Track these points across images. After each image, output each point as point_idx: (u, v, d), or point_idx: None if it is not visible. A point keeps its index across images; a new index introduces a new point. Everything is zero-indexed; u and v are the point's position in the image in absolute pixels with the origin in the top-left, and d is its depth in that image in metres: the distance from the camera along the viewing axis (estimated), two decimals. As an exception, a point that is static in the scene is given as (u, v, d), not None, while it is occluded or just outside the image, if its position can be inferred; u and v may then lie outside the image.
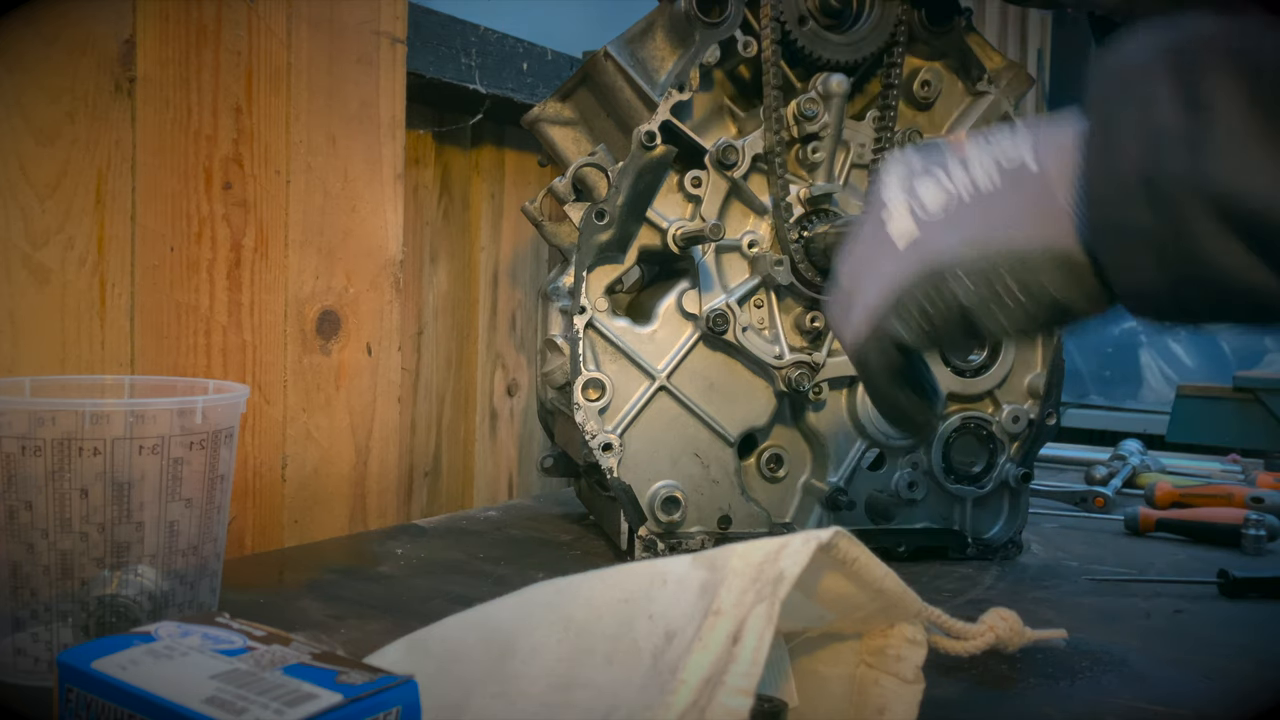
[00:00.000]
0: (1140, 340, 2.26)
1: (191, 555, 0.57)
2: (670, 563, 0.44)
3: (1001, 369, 0.88)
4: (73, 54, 0.73)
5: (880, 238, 0.54)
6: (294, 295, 0.88)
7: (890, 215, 0.54)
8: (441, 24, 1.02)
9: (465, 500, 1.19)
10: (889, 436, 0.85)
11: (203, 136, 0.81)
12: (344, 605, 0.70)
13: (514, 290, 1.22)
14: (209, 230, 0.82)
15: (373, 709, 0.37)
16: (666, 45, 0.83)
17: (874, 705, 0.46)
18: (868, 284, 0.55)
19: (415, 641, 0.48)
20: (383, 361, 0.96)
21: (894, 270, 0.53)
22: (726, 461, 0.83)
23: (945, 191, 0.52)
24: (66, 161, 0.74)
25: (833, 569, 0.43)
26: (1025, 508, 0.89)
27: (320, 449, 0.91)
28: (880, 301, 0.54)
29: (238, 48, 0.83)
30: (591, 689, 0.41)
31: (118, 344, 0.77)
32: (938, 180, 0.53)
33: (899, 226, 0.53)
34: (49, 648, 0.54)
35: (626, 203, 0.80)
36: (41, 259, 0.73)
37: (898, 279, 0.53)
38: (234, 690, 0.37)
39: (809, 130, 0.81)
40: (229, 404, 0.59)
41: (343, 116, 0.91)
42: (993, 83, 0.87)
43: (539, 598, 0.46)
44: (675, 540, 0.81)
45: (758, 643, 0.37)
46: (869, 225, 0.56)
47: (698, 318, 0.81)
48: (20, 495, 0.53)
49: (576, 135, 0.89)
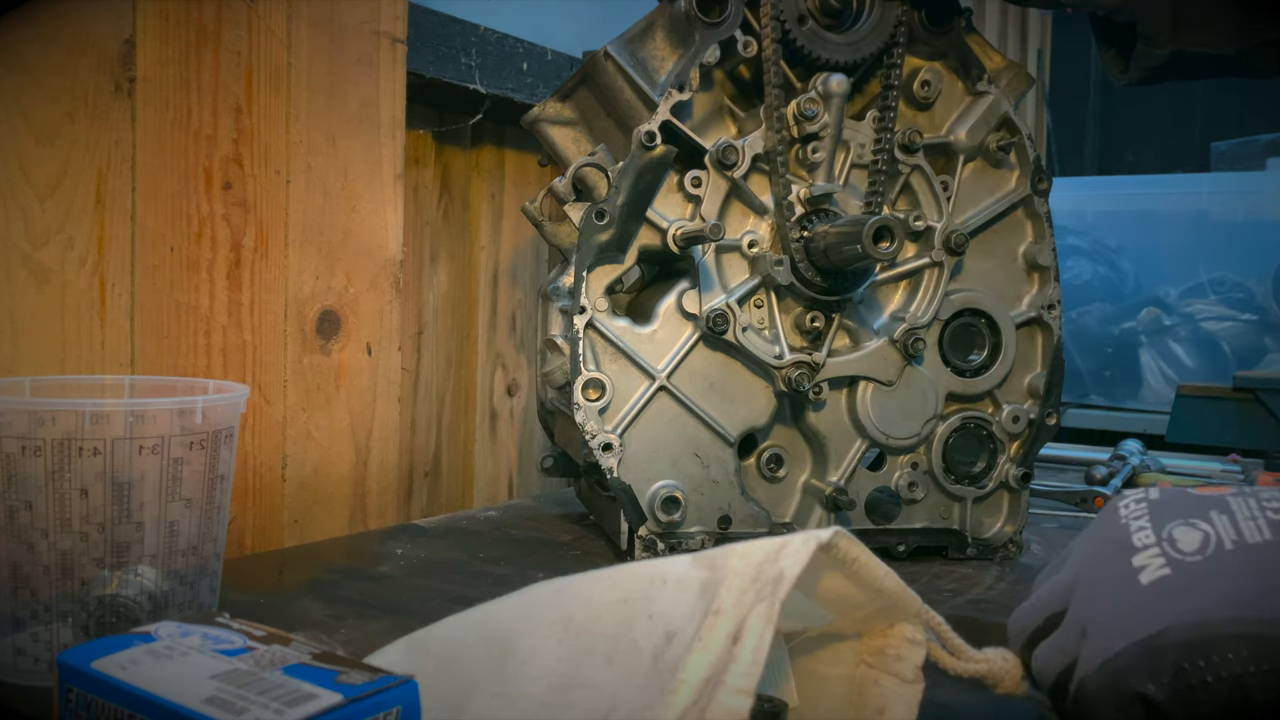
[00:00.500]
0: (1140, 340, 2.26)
1: (191, 555, 0.57)
2: (670, 563, 0.44)
3: (1001, 369, 0.88)
4: (73, 54, 0.73)
5: (1123, 573, 0.47)
6: (294, 295, 0.88)
7: (1136, 549, 0.47)
8: (441, 24, 1.02)
9: (465, 500, 1.19)
10: (889, 436, 0.85)
11: (203, 136, 0.81)
12: (344, 605, 0.70)
13: (514, 290, 1.22)
14: (209, 230, 0.82)
15: (373, 709, 0.37)
16: (666, 45, 0.83)
17: (874, 705, 0.46)
18: (1107, 625, 0.47)
19: (415, 641, 0.48)
20: (383, 361, 0.96)
21: (1142, 617, 0.45)
22: (726, 461, 0.83)
23: (1201, 533, 0.46)
24: (66, 161, 0.74)
25: (833, 569, 0.43)
26: (1025, 508, 0.89)
27: (320, 449, 0.91)
28: (1125, 648, 0.45)
29: (238, 48, 0.83)
30: (591, 689, 0.41)
31: (118, 344, 0.77)
32: (1192, 523, 0.47)
33: (1146, 563, 0.47)
34: (49, 648, 0.54)
35: (626, 203, 0.80)
36: (41, 259, 0.73)
37: (1148, 628, 0.45)
38: (234, 690, 0.37)
39: (809, 130, 0.81)
40: (229, 404, 0.59)
41: (343, 116, 0.91)
42: (993, 83, 0.87)
43: (539, 598, 0.46)
44: (675, 540, 0.81)
45: (758, 643, 0.37)
46: (1107, 556, 0.49)
47: (698, 318, 0.81)
48: (20, 495, 0.53)
49: (576, 135, 0.89)
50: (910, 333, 0.84)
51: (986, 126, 0.87)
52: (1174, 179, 2.48)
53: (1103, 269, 2.33)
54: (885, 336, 0.84)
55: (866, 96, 0.86)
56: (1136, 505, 0.50)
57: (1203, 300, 2.24)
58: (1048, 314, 0.89)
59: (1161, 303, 2.27)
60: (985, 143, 0.87)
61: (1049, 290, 0.89)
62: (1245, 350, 2.16)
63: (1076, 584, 0.50)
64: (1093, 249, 2.34)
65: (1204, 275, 2.25)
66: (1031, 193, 0.88)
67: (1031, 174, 0.88)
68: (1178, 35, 0.79)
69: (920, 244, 0.86)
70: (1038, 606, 0.52)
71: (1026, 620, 0.53)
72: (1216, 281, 2.24)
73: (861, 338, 0.85)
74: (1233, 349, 2.17)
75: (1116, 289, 2.32)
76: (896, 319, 0.85)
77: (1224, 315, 2.20)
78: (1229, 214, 2.29)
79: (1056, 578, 0.52)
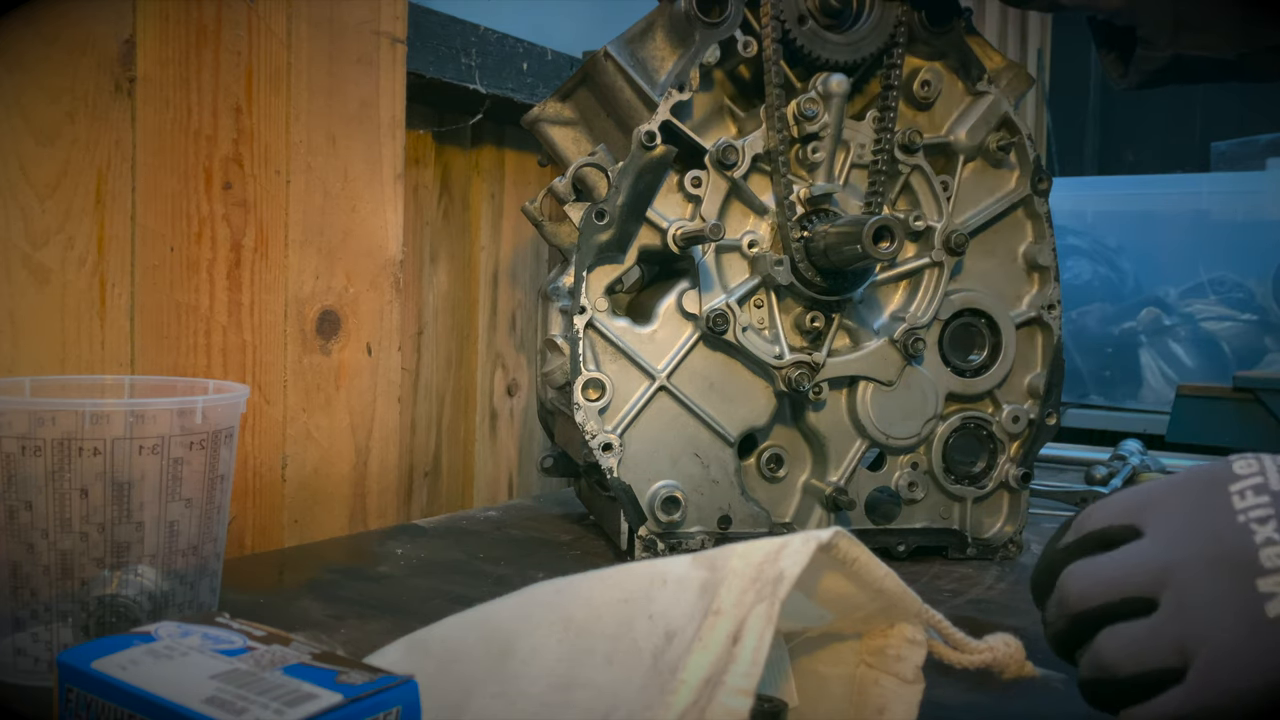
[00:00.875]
0: (1140, 340, 2.26)
1: (191, 555, 0.57)
2: (670, 563, 0.44)
3: (1002, 369, 0.88)
4: (73, 54, 0.73)
5: (1245, 598, 0.41)
6: (294, 295, 0.88)
7: (1265, 571, 0.41)
8: (441, 24, 1.02)
9: (465, 500, 1.19)
10: (889, 436, 0.85)
11: (203, 136, 0.81)
12: (344, 605, 0.70)
13: (514, 290, 1.22)
14: (209, 230, 0.82)
15: (373, 709, 0.37)
16: (666, 45, 0.83)
17: (874, 705, 0.46)
18: (1225, 660, 0.41)
19: (415, 641, 0.48)
20: (383, 361, 0.96)
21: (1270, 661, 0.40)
22: (726, 461, 0.83)
23: None
24: (66, 161, 0.74)
25: (833, 569, 0.43)
26: (1025, 508, 0.89)
27: (320, 449, 0.91)
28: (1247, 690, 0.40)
29: (238, 48, 0.83)
30: (591, 689, 0.41)
31: (118, 344, 0.77)
32: None
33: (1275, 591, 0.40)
34: (49, 648, 0.54)
35: (626, 203, 0.80)
36: (41, 259, 0.73)
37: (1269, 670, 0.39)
38: (234, 690, 0.37)
39: (809, 130, 0.81)
40: (229, 404, 0.59)
41: (343, 116, 0.91)
42: (993, 83, 0.87)
43: (539, 598, 0.46)
44: (675, 540, 0.81)
45: (758, 643, 0.37)
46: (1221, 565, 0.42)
47: (698, 318, 0.81)
48: (20, 495, 0.53)
49: (576, 135, 0.89)
50: (910, 333, 0.84)
51: (986, 126, 0.87)
52: (1174, 179, 2.48)
53: (1103, 269, 2.33)
54: (885, 336, 0.84)
55: (866, 96, 0.86)
56: (1257, 498, 0.43)
57: (1203, 300, 2.24)
58: (1048, 314, 0.89)
59: (1161, 303, 2.27)
60: (985, 143, 0.87)
61: (1049, 290, 0.89)
62: (1245, 350, 2.16)
63: (1173, 583, 0.43)
64: (1093, 249, 2.34)
65: (1204, 275, 2.24)
66: (1031, 193, 0.88)
67: (1031, 174, 0.88)
68: (1178, 39, 0.78)
69: (920, 244, 0.86)
70: (1113, 580, 0.46)
71: (1094, 591, 0.46)
72: (1216, 281, 2.23)
73: (861, 338, 0.85)
74: (1233, 349, 2.17)
75: (1116, 289, 2.32)
76: (896, 319, 0.85)
77: (1224, 315, 2.20)
78: (1229, 214, 2.29)
79: (1139, 556, 0.45)
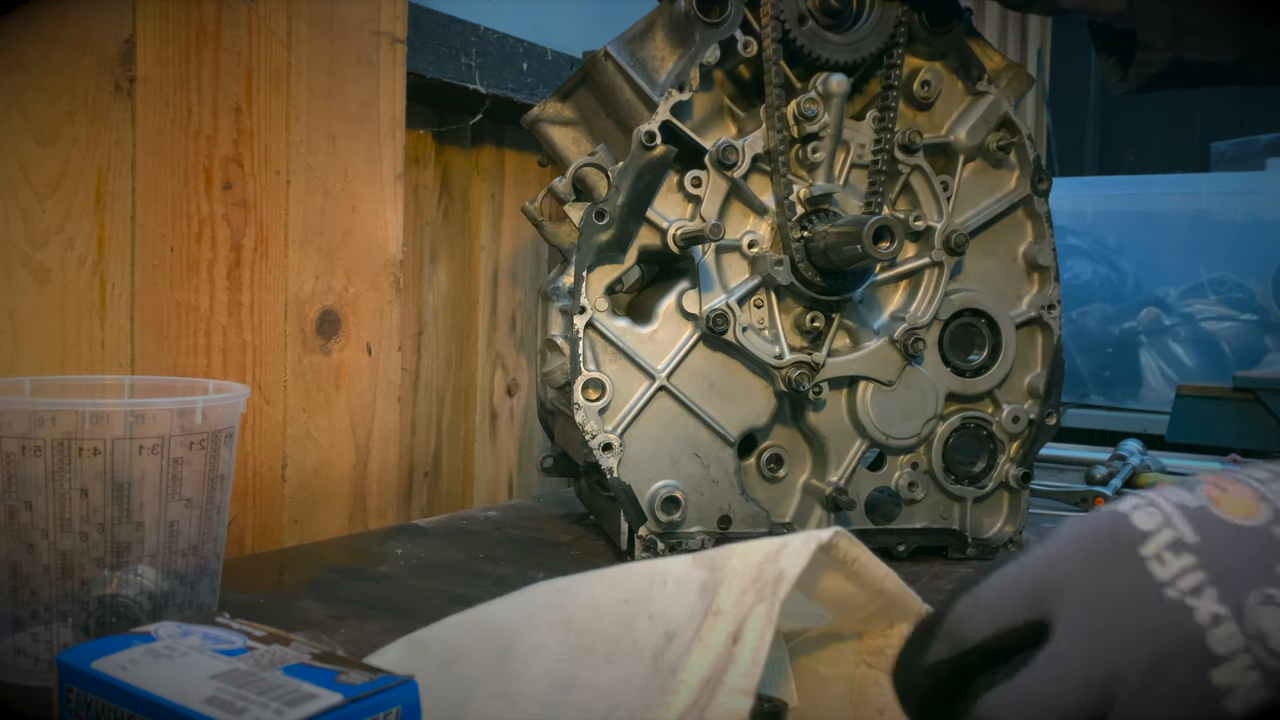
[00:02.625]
0: (1140, 340, 2.26)
1: (191, 555, 0.57)
2: (670, 563, 0.44)
3: (1002, 369, 0.88)
4: (73, 54, 0.73)
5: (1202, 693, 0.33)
6: (294, 295, 0.88)
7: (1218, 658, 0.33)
8: (441, 24, 1.02)
9: (465, 500, 1.19)
10: (889, 436, 0.85)
11: (203, 136, 0.81)
12: (344, 605, 0.70)
13: (514, 290, 1.22)
14: (209, 230, 0.82)
15: (373, 709, 0.37)
16: (666, 45, 0.83)
17: (874, 705, 0.46)
18: None
19: (415, 641, 0.48)
20: (383, 361, 0.96)
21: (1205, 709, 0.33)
22: (726, 461, 0.83)
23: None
24: (66, 161, 0.74)
25: (833, 569, 0.43)
26: (1025, 508, 0.89)
27: (320, 449, 0.91)
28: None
29: (238, 48, 0.83)
30: (591, 689, 0.41)
31: (118, 344, 0.77)
32: None
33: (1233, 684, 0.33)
34: (49, 648, 0.54)
35: (626, 203, 0.80)
36: (41, 259, 0.73)
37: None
38: (234, 690, 0.37)
39: (809, 130, 0.81)
40: (229, 404, 0.59)
41: (343, 116, 0.91)
42: (993, 83, 0.87)
43: (539, 598, 0.46)
44: (675, 540, 0.81)
45: (758, 643, 0.37)
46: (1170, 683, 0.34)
47: (698, 318, 0.81)
48: (20, 495, 0.53)
49: (576, 135, 0.89)
50: (910, 333, 0.84)
51: (986, 126, 0.87)
52: (1174, 179, 2.48)
53: (1103, 269, 2.33)
54: (885, 336, 0.84)
55: (866, 96, 0.86)
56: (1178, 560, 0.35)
57: (1203, 300, 2.24)
58: (1048, 314, 0.89)
59: (1161, 303, 2.27)
60: (985, 143, 0.87)
61: (1049, 290, 0.89)
62: (1245, 350, 2.16)
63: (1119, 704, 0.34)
64: (1093, 249, 2.34)
65: (1204, 275, 2.24)
66: (1031, 193, 0.88)
67: (1031, 174, 0.88)
68: (1177, 42, 0.78)
69: (920, 244, 0.86)
70: None
71: None
72: (1216, 281, 2.23)
73: (861, 338, 0.85)
74: (1233, 349, 2.17)
75: (1116, 289, 2.32)
76: (896, 319, 0.85)
77: (1224, 315, 2.20)
78: (1229, 214, 2.29)
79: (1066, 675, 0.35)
